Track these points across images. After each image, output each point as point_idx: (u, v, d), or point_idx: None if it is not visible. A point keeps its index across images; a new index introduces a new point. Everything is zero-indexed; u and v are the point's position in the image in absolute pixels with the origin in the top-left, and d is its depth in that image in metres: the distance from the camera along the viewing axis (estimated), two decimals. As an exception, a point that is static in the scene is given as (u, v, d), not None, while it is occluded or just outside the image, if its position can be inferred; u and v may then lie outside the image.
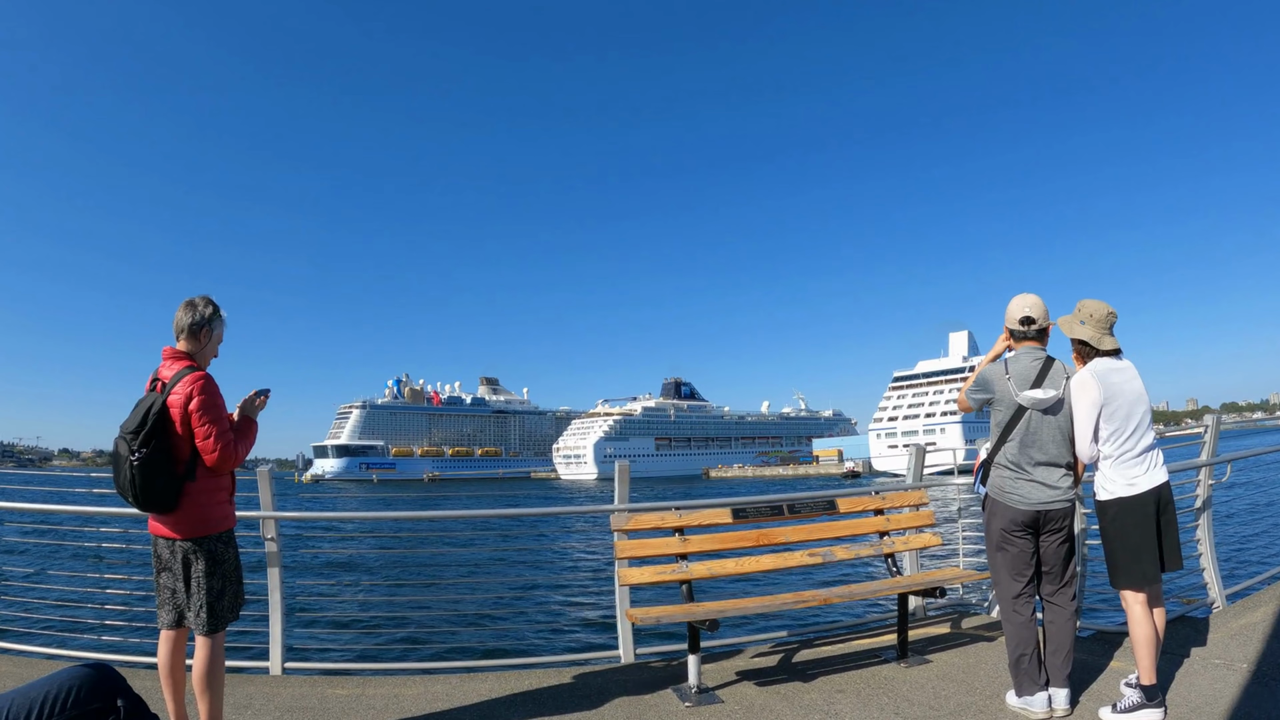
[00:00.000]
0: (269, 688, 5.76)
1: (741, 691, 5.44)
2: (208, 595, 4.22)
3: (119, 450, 4.12)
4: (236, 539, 4.54)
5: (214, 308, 4.45)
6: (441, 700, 5.39)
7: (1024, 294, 5.02)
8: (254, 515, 6.09)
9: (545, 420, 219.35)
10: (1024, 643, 4.80)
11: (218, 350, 4.57)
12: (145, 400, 4.19)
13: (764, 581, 10.79)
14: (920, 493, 6.86)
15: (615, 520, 5.98)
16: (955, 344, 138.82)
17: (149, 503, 4.13)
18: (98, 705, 2.38)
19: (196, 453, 4.20)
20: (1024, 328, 4.95)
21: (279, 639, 6.21)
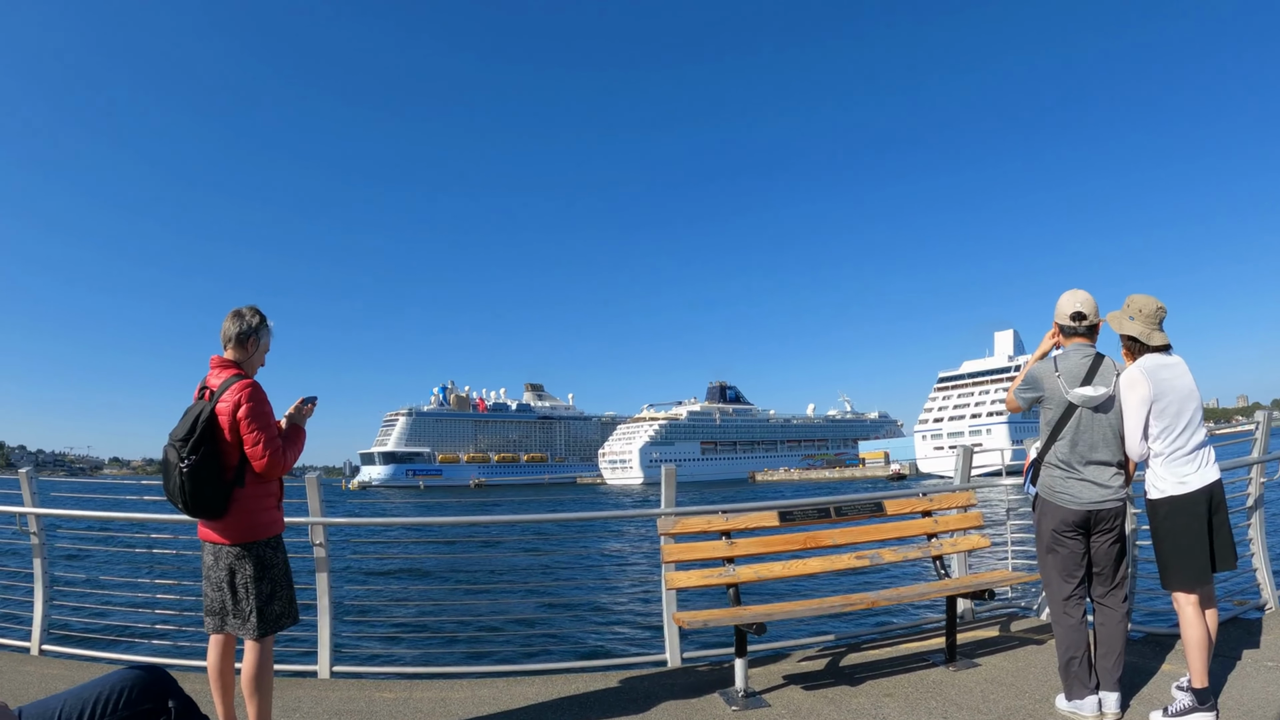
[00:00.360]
0: (317, 691, 5.80)
1: (788, 695, 5.40)
2: (256, 599, 4.26)
3: (168, 457, 4.16)
4: (285, 544, 4.58)
5: (260, 317, 4.49)
6: (488, 704, 5.40)
7: (1074, 290, 4.93)
8: (303, 521, 6.15)
9: (590, 425, 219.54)
10: (1074, 645, 4.72)
11: (265, 359, 4.61)
12: (194, 408, 4.24)
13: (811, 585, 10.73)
14: (968, 494, 6.78)
15: (662, 524, 5.97)
16: (1000, 343, 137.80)
17: (198, 509, 4.17)
18: (149, 706, 2.41)
19: (245, 459, 4.24)
20: (1075, 324, 4.85)
21: (327, 643, 6.26)
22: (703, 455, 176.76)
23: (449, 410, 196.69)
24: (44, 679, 5.94)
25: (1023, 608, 7.42)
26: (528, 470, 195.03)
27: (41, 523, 7.04)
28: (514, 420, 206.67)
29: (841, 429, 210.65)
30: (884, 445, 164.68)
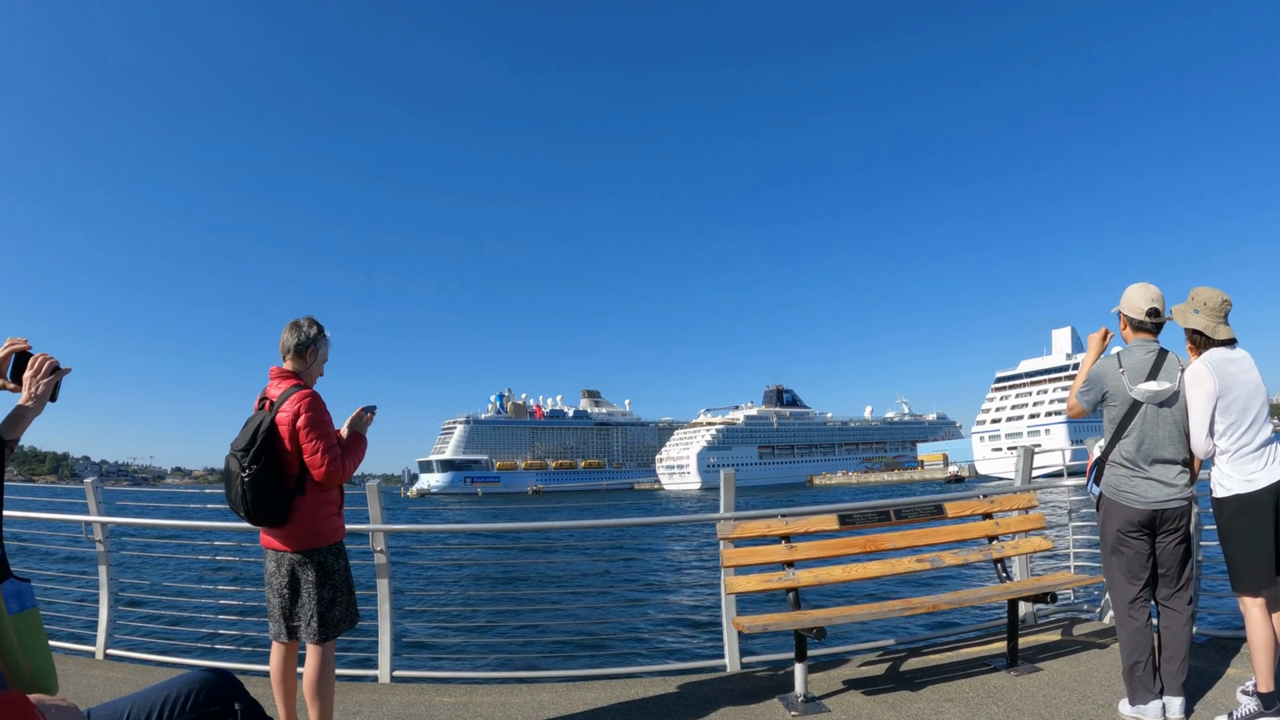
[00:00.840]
0: (378, 695, 5.86)
1: (848, 701, 5.36)
2: (318, 605, 4.31)
3: (230, 467, 4.23)
4: (347, 551, 4.63)
5: (318, 328, 4.55)
6: (548, 709, 5.43)
7: (1144, 284, 4.83)
8: (363, 528, 6.23)
9: (648, 431, 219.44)
10: (1139, 649, 4.64)
11: (323, 369, 4.67)
12: (254, 419, 4.31)
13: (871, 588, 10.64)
14: (1029, 495, 6.68)
15: (721, 528, 5.97)
16: (1058, 341, 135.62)
17: (260, 517, 4.23)
18: (215, 708, 2.45)
19: (305, 468, 4.30)
20: (1149, 320, 4.78)
21: (388, 648, 6.32)
22: (760, 459, 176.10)
23: (506, 418, 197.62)
24: (108, 682, 6.06)
25: (1085, 611, 7.31)
26: (585, 476, 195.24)
27: (106, 531, 7.20)
28: (571, 427, 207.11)
29: (899, 431, 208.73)
30: (943, 447, 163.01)
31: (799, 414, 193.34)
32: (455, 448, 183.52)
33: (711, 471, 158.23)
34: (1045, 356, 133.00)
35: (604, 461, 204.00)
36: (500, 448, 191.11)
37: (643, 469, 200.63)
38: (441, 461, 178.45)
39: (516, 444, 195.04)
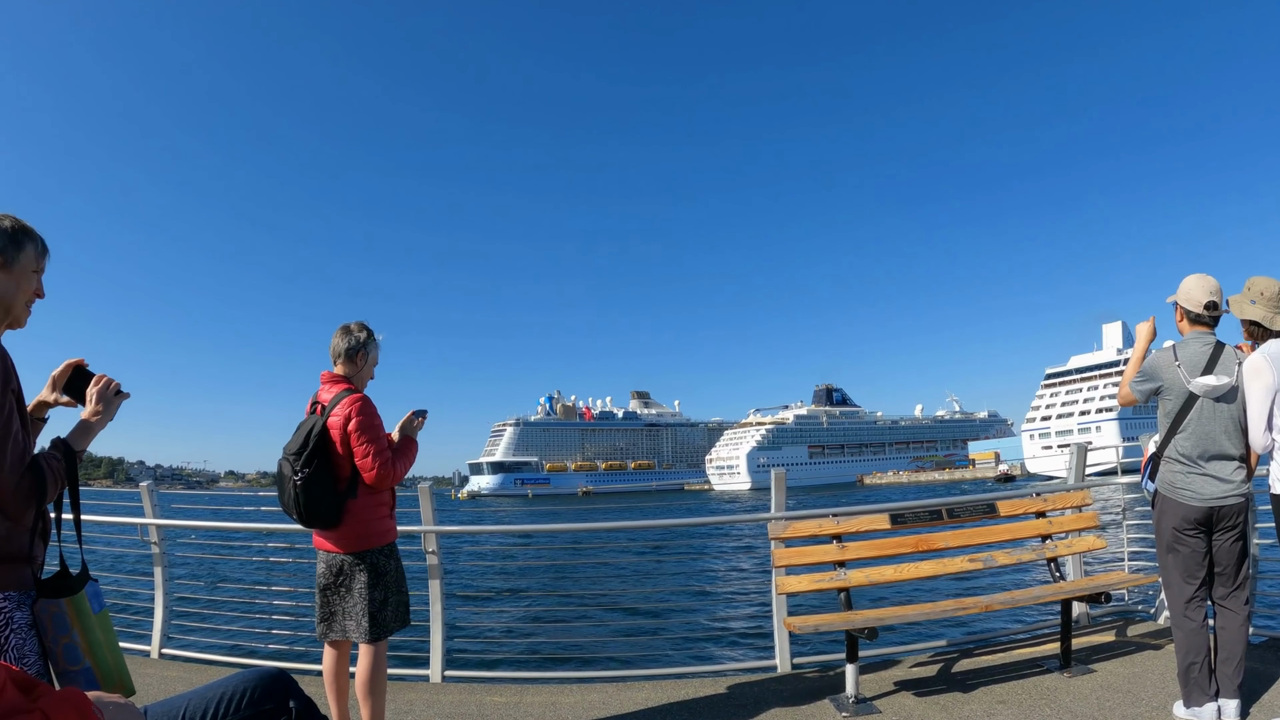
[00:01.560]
0: (429, 694, 5.91)
1: (900, 702, 5.32)
2: (370, 605, 4.35)
3: (283, 470, 4.29)
4: (399, 551, 4.67)
5: (368, 332, 4.60)
6: (598, 708, 5.44)
7: (1203, 275, 4.73)
8: (415, 530, 6.28)
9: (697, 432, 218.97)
10: (1194, 650, 4.55)
11: (374, 372, 4.72)
12: (306, 423, 4.36)
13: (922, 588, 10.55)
14: (1083, 493, 6.59)
15: (773, 528, 5.95)
16: (1109, 336, 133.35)
17: (313, 519, 4.29)
18: (270, 706, 2.47)
19: (357, 471, 4.34)
20: (1208, 313, 4.68)
21: (439, 648, 6.38)
22: (810, 459, 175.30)
23: (556, 420, 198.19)
24: (164, 681, 6.16)
25: (1140, 611, 7.21)
26: (635, 478, 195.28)
27: (162, 533, 7.32)
28: (620, 428, 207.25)
29: (950, 429, 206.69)
30: (994, 445, 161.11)
31: (849, 413, 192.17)
32: (505, 450, 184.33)
33: (761, 472, 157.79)
34: (1096, 352, 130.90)
35: (654, 462, 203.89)
36: (550, 449, 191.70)
37: (692, 470, 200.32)
38: (492, 463, 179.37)
39: (566, 445, 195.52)
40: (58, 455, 2.68)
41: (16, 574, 2.55)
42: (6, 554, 2.52)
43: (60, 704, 1.95)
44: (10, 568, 2.53)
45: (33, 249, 2.71)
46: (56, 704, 1.94)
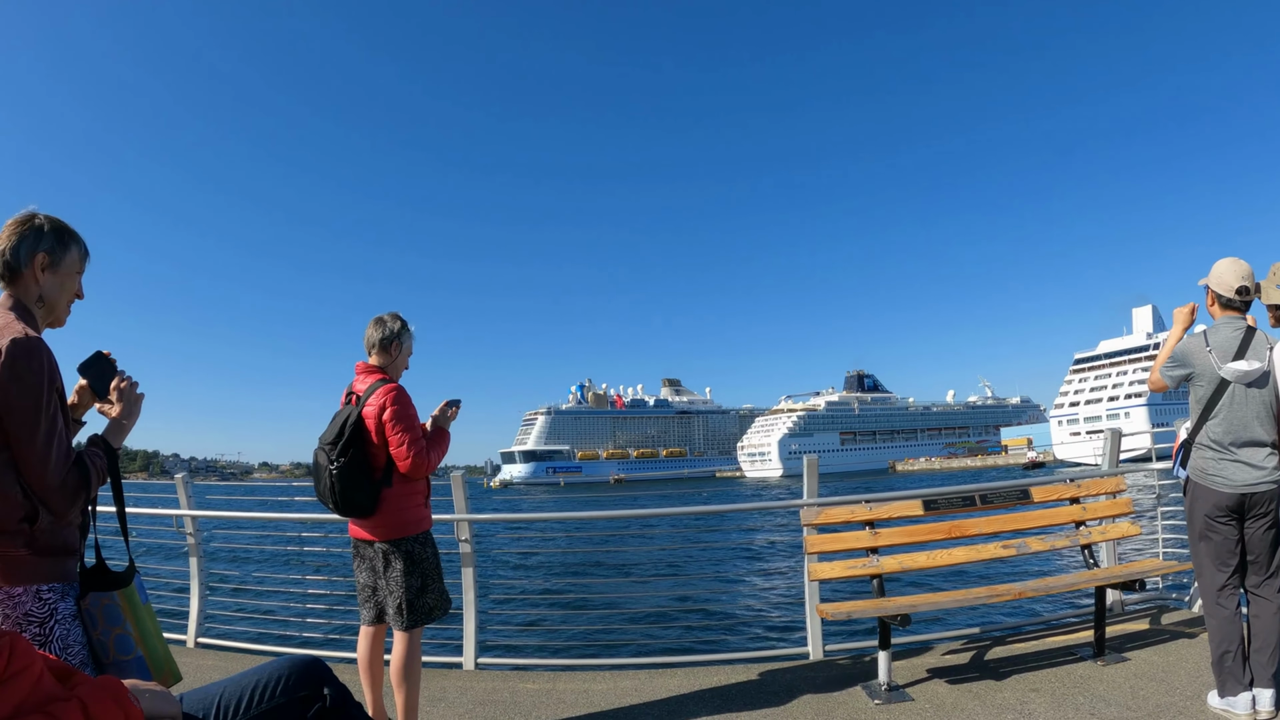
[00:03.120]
0: (462, 681, 5.95)
1: (932, 689, 5.31)
2: (406, 593, 4.39)
3: (318, 460, 4.33)
4: (434, 539, 4.70)
5: (402, 323, 4.63)
6: (630, 695, 5.46)
7: (1235, 259, 4.65)
8: (449, 518, 6.32)
9: (729, 419, 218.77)
10: (1228, 639, 4.50)
11: (408, 362, 4.75)
12: (341, 413, 4.40)
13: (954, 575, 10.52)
14: (1117, 479, 6.52)
15: (805, 515, 5.93)
16: (1139, 320, 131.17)
17: (348, 508, 4.32)
18: (305, 693, 2.50)
19: (392, 460, 4.38)
20: (1239, 298, 4.60)
21: (472, 635, 6.42)
22: (842, 446, 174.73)
23: (587, 408, 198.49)
24: (199, 669, 6.21)
25: (1173, 599, 7.14)
26: (666, 465, 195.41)
27: (197, 524, 7.41)
28: (652, 416, 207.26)
29: (983, 415, 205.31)
30: (1027, 431, 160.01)
31: (880, 399, 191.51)
32: (537, 438, 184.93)
33: (793, 459, 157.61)
34: (1125, 336, 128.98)
35: (685, 450, 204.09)
36: (582, 438, 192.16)
37: (724, 457, 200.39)
38: (524, 452, 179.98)
39: (598, 434, 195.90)
40: (100, 452, 2.76)
41: (61, 567, 2.62)
42: (52, 548, 2.59)
43: (97, 692, 1.98)
44: (56, 561, 2.60)
45: (77, 250, 2.80)
46: (94, 692, 1.98)
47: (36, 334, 2.58)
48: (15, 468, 2.51)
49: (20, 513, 2.50)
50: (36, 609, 2.51)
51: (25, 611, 2.49)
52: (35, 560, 2.54)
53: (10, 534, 2.50)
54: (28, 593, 2.51)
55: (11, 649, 1.90)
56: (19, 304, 2.66)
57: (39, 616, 2.51)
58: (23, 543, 2.52)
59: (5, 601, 2.48)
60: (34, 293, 2.70)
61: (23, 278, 2.67)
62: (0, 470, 2.49)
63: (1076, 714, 4.69)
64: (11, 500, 2.49)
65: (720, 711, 5.06)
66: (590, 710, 5.20)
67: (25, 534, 2.52)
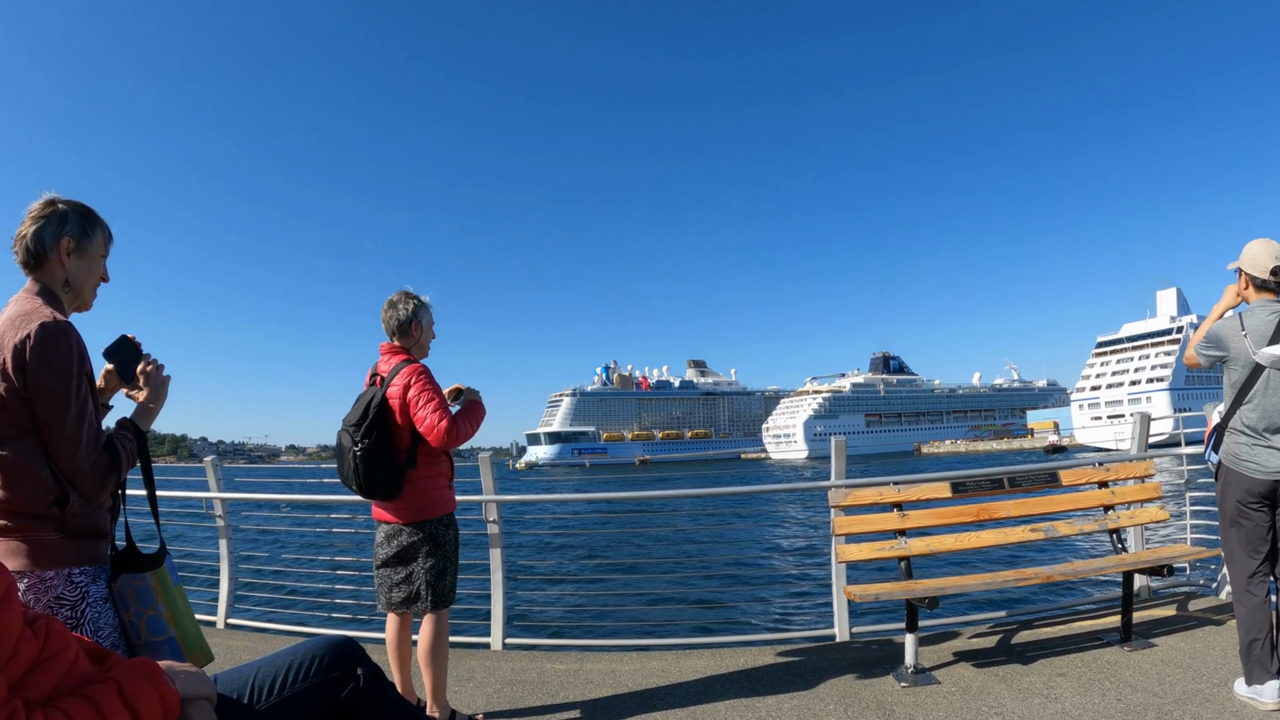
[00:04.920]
0: (490, 661, 5.98)
1: (959, 673, 5.29)
2: (429, 575, 4.40)
3: (342, 442, 4.34)
4: (457, 522, 4.72)
5: (416, 301, 4.59)
6: (657, 676, 5.47)
7: (1268, 240, 4.56)
8: (476, 499, 6.35)
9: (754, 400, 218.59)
10: (1257, 626, 4.45)
11: (433, 333, 4.73)
12: (365, 394, 4.40)
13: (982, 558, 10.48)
14: (1147, 463, 6.46)
15: (833, 496, 5.91)
16: (1163, 303, 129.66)
17: (373, 490, 4.32)
18: (339, 673, 2.52)
19: (416, 442, 4.38)
20: (1275, 278, 4.51)
21: (500, 616, 6.44)
22: (867, 428, 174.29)
23: (612, 389, 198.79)
24: (229, 649, 6.28)
25: (1202, 586, 7.09)
26: (692, 447, 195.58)
27: (226, 506, 7.48)
28: (677, 397, 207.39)
29: (1009, 398, 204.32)
30: (1053, 415, 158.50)
31: (906, 381, 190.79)
32: (563, 420, 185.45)
33: (818, 440, 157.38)
34: (1149, 319, 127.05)
35: (710, 431, 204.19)
36: (607, 419, 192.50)
37: (749, 438, 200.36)
38: (549, 434, 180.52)
39: (623, 415, 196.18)
40: (129, 435, 2.79)
41: (92, 550, 2.64)
42: (83, 530, 2.61)
43: (132, 673, 2.00)
44: (86, 544, 2.63)
45: (101, 234, 2.81)
46: (129, 673, 1.99)
47: (64, 318, 2.61)
48: (45, 451, 2.54)
49: (51, 496, 2.53)
50: (68, 592, 2.53)
51: (57, 595, 2.51)
52: (66, 544, 2.57)
53: (41, 518, 2.53)
54: (59, 576, 2.53)
55: (48, 631, 1.92)
56: (46, 289, 2.68)
57: (70, 600, 2.53)
58: (54, 526, 2.54)
59: (36, 585, 2.50)
60: (60, 278, 2.72)
61: (48, 263, 2.69)
62: (31, 454, 2.52)
63: (1103, 699, 4.66)
64: (42, 484, 2.52)
65: (747, 693, 5.06)
66: (618, 691, 5.22)
67: (56, 518, 2.54)
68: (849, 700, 4.86)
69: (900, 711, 4.64)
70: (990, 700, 4.74)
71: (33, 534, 2.52)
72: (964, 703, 4.73)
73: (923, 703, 4.77)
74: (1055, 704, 4.63)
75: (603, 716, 4.77)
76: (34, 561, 2.51)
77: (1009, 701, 4.70)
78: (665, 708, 4.85)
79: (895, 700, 4.84)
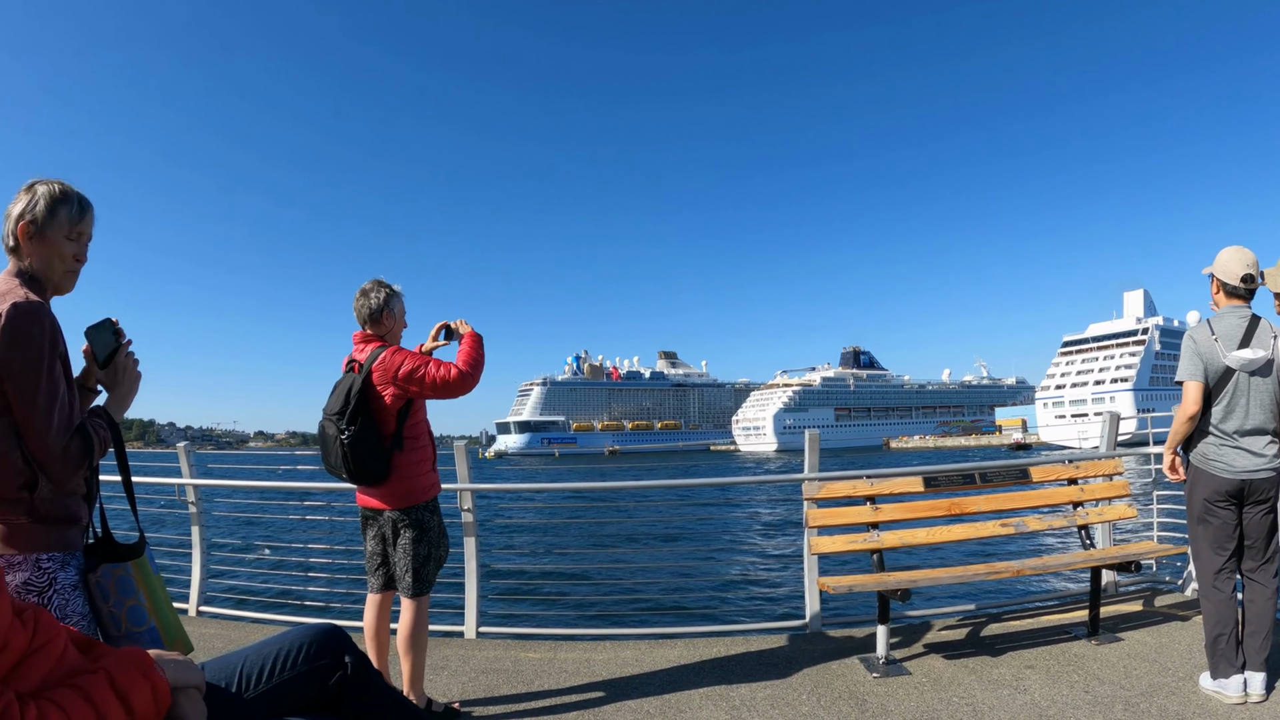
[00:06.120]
0: (465, 650, 5.99)
1: (929, 664, 5.36)
2: (414, 561, 4.41)
3: (326, 432, 4.33)
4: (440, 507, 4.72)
5: (387, 290, 4.57)
6: (631, 665, 5.51)
7: (1240, 248, 4.68)
8: (452, 488, 6.33)
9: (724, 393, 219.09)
10: (1223, 622, 4.55)
11: (405, 322, 4.72)
12: (344, 381, 4.38)
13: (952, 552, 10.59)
14: (1115, 462, 6.58)
15: (807, 489, 5.98)
16: (1130, 304, 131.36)
17: (363, 476, 4.32)
18: (327, 661, 2.52)
19: (401, 424, 4.39)
20: (1245, 285, 4.62)
21: (474, 604, 6.46)
22: (837, 422, 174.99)
23: (583, 379, 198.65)
24: (202, 639, 6.25)
25: (1167, 583, 7.20)
26: (662, 438, 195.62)
27: (199, 493, 7.44)
28: (647, 388, 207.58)
29: (978, 395, 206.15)
30: (1021, 412, 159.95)
31: (876, 376, 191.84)
32: (532, 409, 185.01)
33: (788, 434, 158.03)
34: (1115, 320, 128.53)
35: (680, 423, 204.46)
36: (577, 409, 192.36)
37: (719, 430, 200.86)
38: (519, 423, 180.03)
39: (593, 405, 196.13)
40: (103, 423, 2.73)
41: (63, 536, 2.59)
42: (53, 516, 2.56)
43: (123, 663, 1.98)
44: (56, 529, 2.57)
45: (66, 213, 2.70)
46: (120, 663, 1.98)
47: (39, 299, 2.56)
48: (17, 433, 2.49)
49: (20, 479, 2.48)
50: (35, 578, 2.48)
51: (24, 580, 2.46)
52: (34, 528, 2.52)
53: (10, 501, 2.48)
54: (27, 561, 2.48)
55: (36, 621, 1.90)
56: (23, 272, 2.64)
57: (38, 586, 2.48)
58: (23, 510, 2.49)
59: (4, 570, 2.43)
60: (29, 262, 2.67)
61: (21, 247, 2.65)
62: (2, 435, 2.47)
63: (1071, 691, 4.74)
64: (11, 465, 2.47)
65: (721, 682, 5.11)
66: (592, 679, 5.24)
67: (25, 501, 2.49)
68: (822, 690, 4.92)
69: (872, 701, 4.70)
70: (960, 691, 4.81)
71: (1, 517, 2.47)
72: (935, 693, 4.80)
73: (894, 693, 4.84)
74: (1024, 695, 4.70)
75: (578, 705, 4.80)
76: (3, 545, 2.47)
77: (979, 692, 4.78)
78: (640, 696, 4.89)
79: (867, 690, 4.90)
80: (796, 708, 4.62)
